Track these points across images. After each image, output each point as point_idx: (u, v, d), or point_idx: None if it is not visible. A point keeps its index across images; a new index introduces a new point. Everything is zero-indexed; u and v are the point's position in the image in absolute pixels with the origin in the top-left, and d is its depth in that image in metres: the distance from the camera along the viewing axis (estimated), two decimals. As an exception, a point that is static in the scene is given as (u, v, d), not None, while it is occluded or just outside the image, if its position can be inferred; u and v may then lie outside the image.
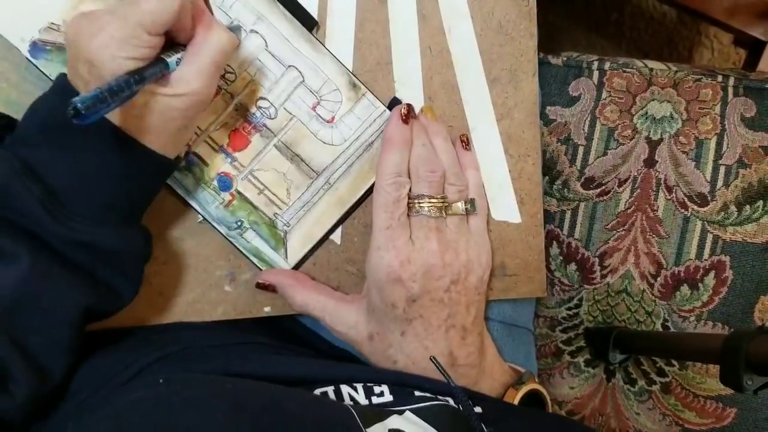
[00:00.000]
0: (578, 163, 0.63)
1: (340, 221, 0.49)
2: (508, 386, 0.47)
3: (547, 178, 0.63)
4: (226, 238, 0.47)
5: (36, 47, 0.43)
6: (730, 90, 0.61)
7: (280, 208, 0.48)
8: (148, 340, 0.44)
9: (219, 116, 0.46)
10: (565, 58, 0.63)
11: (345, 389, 0.39)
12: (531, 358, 0.57)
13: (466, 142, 0.48)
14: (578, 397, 0.66)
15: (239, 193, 0.47)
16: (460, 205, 0.45)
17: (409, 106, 0.45)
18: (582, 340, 0.66)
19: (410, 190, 0.44)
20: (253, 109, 0.46)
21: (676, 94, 0.61)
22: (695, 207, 0.62)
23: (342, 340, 0.46)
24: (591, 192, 0.63)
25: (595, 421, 0.66)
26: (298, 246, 0.48)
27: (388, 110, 0.47)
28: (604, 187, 0.63)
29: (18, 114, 0.43)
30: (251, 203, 0.47)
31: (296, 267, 0.49)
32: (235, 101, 0.46)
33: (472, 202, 0.47)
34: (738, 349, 0.46)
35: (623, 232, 0.63)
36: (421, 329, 0.43)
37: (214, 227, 0.47)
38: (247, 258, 0.48)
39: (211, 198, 0.46)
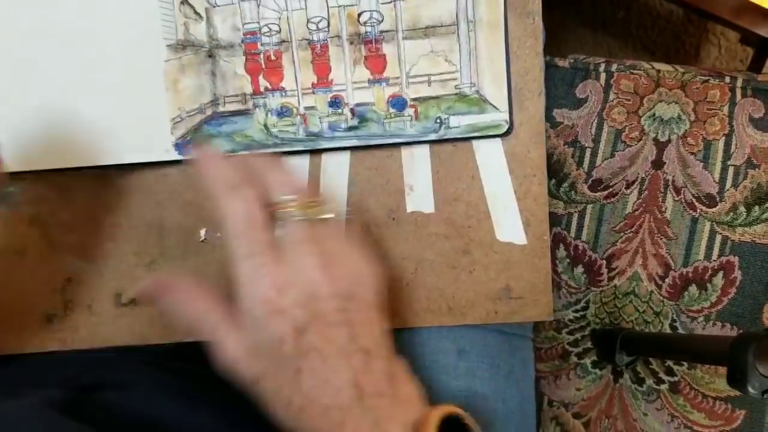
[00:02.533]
0: (585, 165, 0.62)
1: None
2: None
3: (554, 180, 0.63)
4: None
5: (180, 146, 0.45)
6: (738, 91, 0.61)
7: None
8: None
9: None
10: (572, 60, 0.63)
11: None
12: (529, 364, 0.57)
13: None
14: (585, 398, 0.66)
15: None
16: (331, 207, 0.38)
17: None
18: (589, 341, 0.66)
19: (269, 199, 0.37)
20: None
21: (684, 96, 0.61)
22: (704, 208, 0.61)
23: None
24: (598, 194, 0.63)
25: (601, 424, 0.66)
26: None
27: None
28: (611, 189, 0.63)
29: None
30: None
31: None
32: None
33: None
34: (745, 351, 0.46)
35: (631, 234, 0.63)
36: (318, 363, 0.35)
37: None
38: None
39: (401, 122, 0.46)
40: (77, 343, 0.46)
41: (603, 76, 0.62)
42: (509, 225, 0.48)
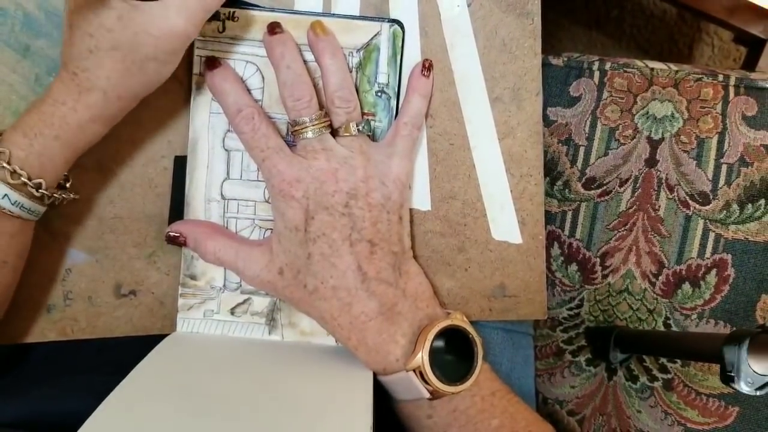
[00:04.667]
0: (579, 163, 0.63)
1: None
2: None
3: (548, 178, 0.63)
4: None
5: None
6: (731, 89, 0.61)
7: None
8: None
9: None
10: (565, 59, 0.63)
11: None
12: (529, 362, 0.57)
13: (426, 68, 0.46)
14: (579, 396, 0.66)
15: None
16: (352, 127, 0.43)
17: (210, 59, 0.44)
18: (583, 339, 0.66)
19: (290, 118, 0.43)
20: None
21: (677, 94, 0.62)
22: (697, 206, 0.62)
23: (256, 286, 0.45)
24: (592, 192, 0.63)
25: (595, 421, 0.66)
26: None
27: None
28: (605, 187, 0.63)
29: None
30: None
31: None
32: None
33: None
34: (739, 348, 0.46)
35: (624, 232, 0.63)
36: (326, 247, 0.42)
37: None
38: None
39: None
40: (77, 333, 0.46)
41: (597, 74, 0.62)
42: (505, 224, 0.49)
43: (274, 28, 0.43)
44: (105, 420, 0.33)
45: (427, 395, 0.41)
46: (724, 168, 0.61)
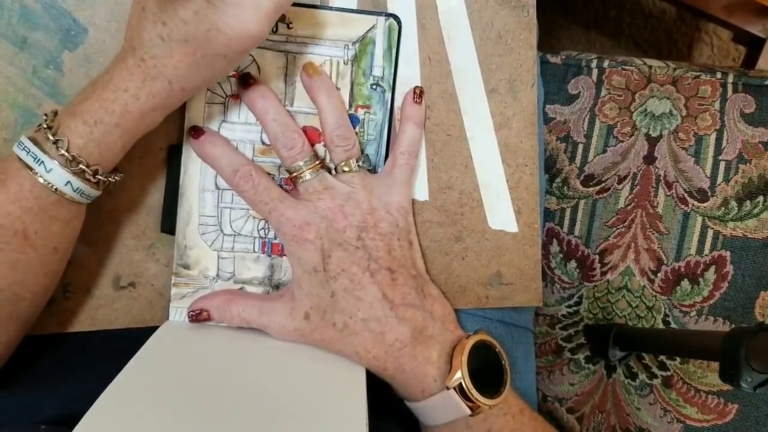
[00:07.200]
0: (578, 160, 0.63)
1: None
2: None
3: (547, 176, 0.63)
4: None
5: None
6: (730, 86, 0.61)
7: None
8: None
9: None
10: (564, 57, 0.63)
11: None
12: (530, 357, 0.57)
13: (418, 95, 0.46)
14: (578, 393, 0.66)
15: None
16: (351, 163, 0.44)
17: (193, 129, 0.44)
18: (582, 337, 0.66)
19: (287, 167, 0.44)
20: None
21: (675, 91, 0.62)
22: (695, 203, 0.62)
23: (284, 337, 0.44)
24: (591, 189, 0.63)
25: (594, 419, 0.66)
26: None
27: None
28: (603, 184, 0.63)
29: (24, 117, 0.44)
30: None
31: None
32: None
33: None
34: (738, 346, 0.46)
35: (623, 229, 0.63)
36: (348, 282, 0.42)
37: None
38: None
39: None
40: (76, 326, 0.46)
41: (595, 72, 0.63)
42: (501, 213, 0.49)
43: (247, 80, 0.43)
44: (100, 419, 0.33)
45: (468, 411, 0.41)
46: (722, 165, 0.61)
